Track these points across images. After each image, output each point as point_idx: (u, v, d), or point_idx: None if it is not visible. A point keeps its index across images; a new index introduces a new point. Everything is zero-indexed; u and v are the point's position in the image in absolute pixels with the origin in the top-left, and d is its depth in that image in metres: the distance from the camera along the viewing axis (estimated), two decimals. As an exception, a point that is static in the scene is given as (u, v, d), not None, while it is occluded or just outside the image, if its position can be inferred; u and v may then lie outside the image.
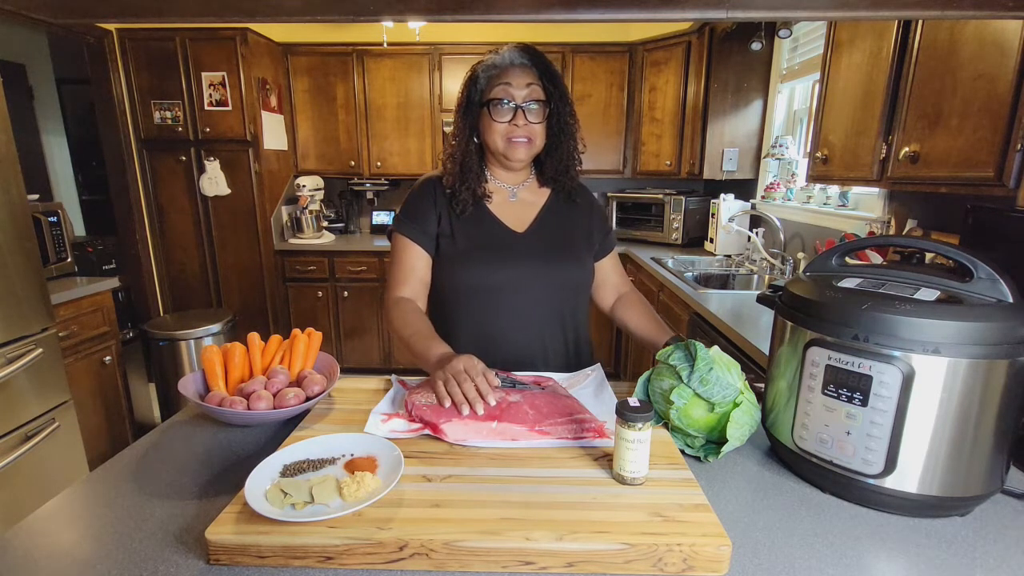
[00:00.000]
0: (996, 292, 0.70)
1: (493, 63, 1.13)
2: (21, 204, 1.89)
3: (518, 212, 1.20)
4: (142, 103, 3.28)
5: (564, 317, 1.19)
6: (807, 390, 0.76)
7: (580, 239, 1.22)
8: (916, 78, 1.41)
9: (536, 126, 1.12)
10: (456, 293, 1.16)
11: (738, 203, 3.08)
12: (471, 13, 0.66)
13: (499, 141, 1.11)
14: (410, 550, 0.60)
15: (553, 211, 1.22)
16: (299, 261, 3.60)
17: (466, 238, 1.15)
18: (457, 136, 1.15)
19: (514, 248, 1.16)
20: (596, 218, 1.27)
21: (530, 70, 1.12)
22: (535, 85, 1.11)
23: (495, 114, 1.10)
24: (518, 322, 1.15)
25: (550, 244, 1.17)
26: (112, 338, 2.48)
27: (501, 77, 1.10)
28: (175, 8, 0.66)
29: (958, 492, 0.70)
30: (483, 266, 1.14)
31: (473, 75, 1.14)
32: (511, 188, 1.21)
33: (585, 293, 1.25)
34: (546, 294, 1.16)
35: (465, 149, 1.15)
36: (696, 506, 0.67)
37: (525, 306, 1.15)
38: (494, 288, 1.14)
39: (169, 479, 0.78)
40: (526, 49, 1.13)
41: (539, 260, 1.15)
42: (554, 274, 1.16)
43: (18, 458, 1.85)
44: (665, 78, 3.40)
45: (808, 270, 0.86)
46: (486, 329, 1.15)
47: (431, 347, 1.01)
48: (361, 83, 3.63)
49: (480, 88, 1.13)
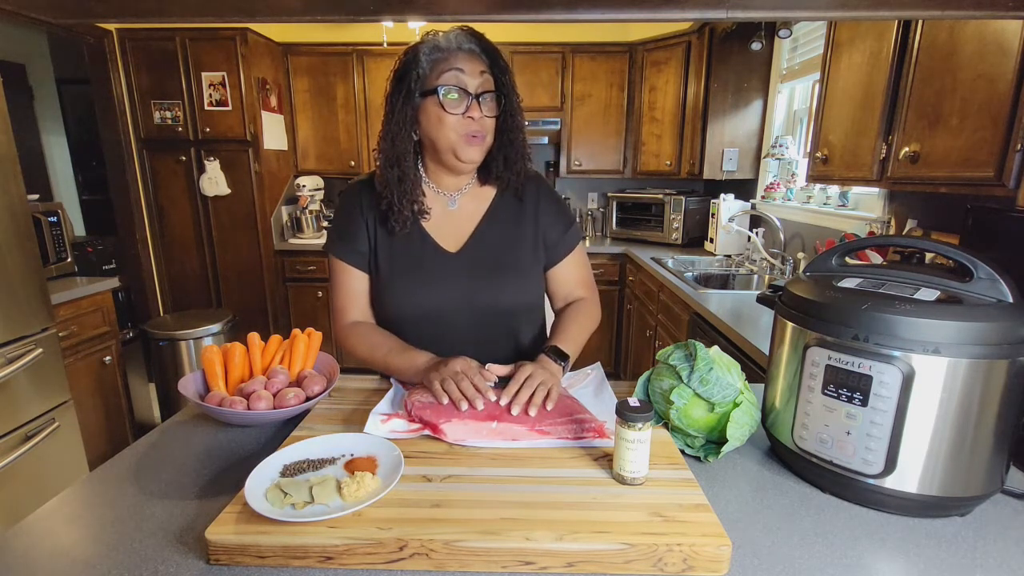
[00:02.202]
0: (996, 292, 0.70)
1: (437, 45, 0.96)
2: (21, 204, 1.89)
3: (455, 226, 1.06)
4: (142, 103, 3.28)
5: (507, 342, 1.09)
6: (807, 390, 0.76)
7: (526, 250, 1.08)
8: (916, 78, 1.41)
9: (489, 122, 0.98)
10: (391, 322, 1.07)
11: (738, 203, 3.08)
12: (471, 13, 0.66)
13: (451, 136, 0.96)
14: (410, 550, 0.60)
15: (495, 220, 1.08)
16: (299, 261, 3.60)
17: (390, 262, 1.04)
18: (392, 134, 0.98)
19: (444, 271, 1.04)
20: (547, 215, 1.11)
21: (479, 57, 0.97)
22: (488, 74, 0.97)
23: (447, 104, 0.94)
24: (461, 347, 1.00)
25: (485, 264, 1.05)
26: (112, 338, 2.48)
27: (449, 62, 0.95)
28: (175, 8, 0.66)
29: (958, 492, 0.70)
30: (408, 293, 1.03)
31: (411, 58, 0.97)
32: (451, 195, 1.07)
33: (532, 313, 1.13)
34: (483, 321, 1.05)
35: (403, 150, 0.99)
36: (696, 506, 0.67)
37: (460, 331, 1.05)
38: (423, 317, 1.04)
39: (169, 479, 0.78)
40: (474, 34, 0.98)
41: (472, 283, 1.04)
42: (488, 298, 1.04)
43: (18, 458, 1.85)
44: (665, 78, 3.40)
45: (808, 270, 0.86)
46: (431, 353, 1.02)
47: (414, 357, 0.97)
48: (361, 83, 3.63)
49: (421, 73, 0.96)
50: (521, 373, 0.90)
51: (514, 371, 0.93)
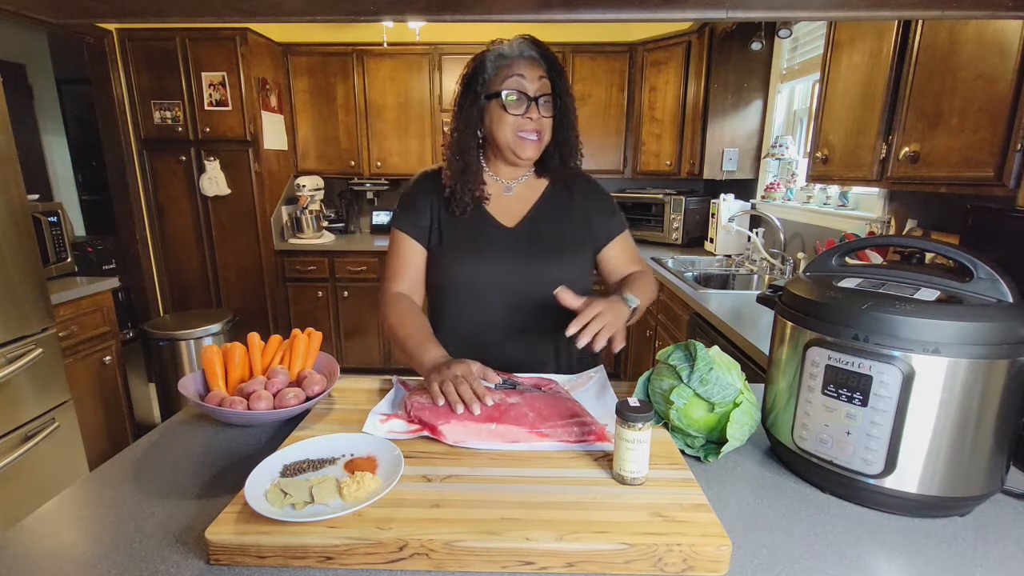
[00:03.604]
0: (996, 292, 0.70)
1: (502, 53, 1.08)
2: (21, 204, 1.89)
3: (511, 206, 1.17)
4: (142, 103, 3.28)
5: (555, 318, 1.12)
6: (807, 390, 0.76)
7: (574, 233, 1.18)
8: (916, 78, 1.41)
9: (547, 120, 1.09)
10: (443, 288, 1.15)
11: (738, 203, 3.08)
12: (471, 13, 0.66)
13: (509, 135, 1.08)
14: (410, 550, 0.60)
15: (548, 204, 1.19)
16: (299, 261, 3.60)
17: (454, 233, 1.14)
18: (459, 131, 1.11)
19: (501, 243, 1.13)
20: (593, 204, 1.21)
21: (539, 63, 1.08)
22: (545, 79, 1.08)
23: (508, 106, 1.06)
24: (503, 320, 1.12)
25: (539, 239, 1.15)
26: (112, 338, 2.48)
27: (512, 68, 1.06)
28: (175, 8, 0.66)
29: (958, 492, 0.70)
30: (467, 262, 1.12)
31: (478, 65, 1.09)
32: (508, 183, 1.18)
33: (580, 294, 1.19)
34: (533, 292, 1.12)
35: (468, 145, 1.11)
36: (696, 506, 0.67)
37: (510, 304, 1.12)
38: (478, 284, 1.12)
39: (169, 479, 0.78)
40: (534, 42, 1.09)
41: (525, 256, 1.12)
42: (540, 271, 1.12)
43: (18, 458, 1.85)
44: (665, 78, 3.40)
45: (808, 270, 0.86)
46: (471, 326, 1.14)
47: (427, 351, 1.00)
48: (361, 83, 3.63)
49: (487, 78, 1.08)
50: (592, 308, 0.95)
51: (585, 305, 0.96)
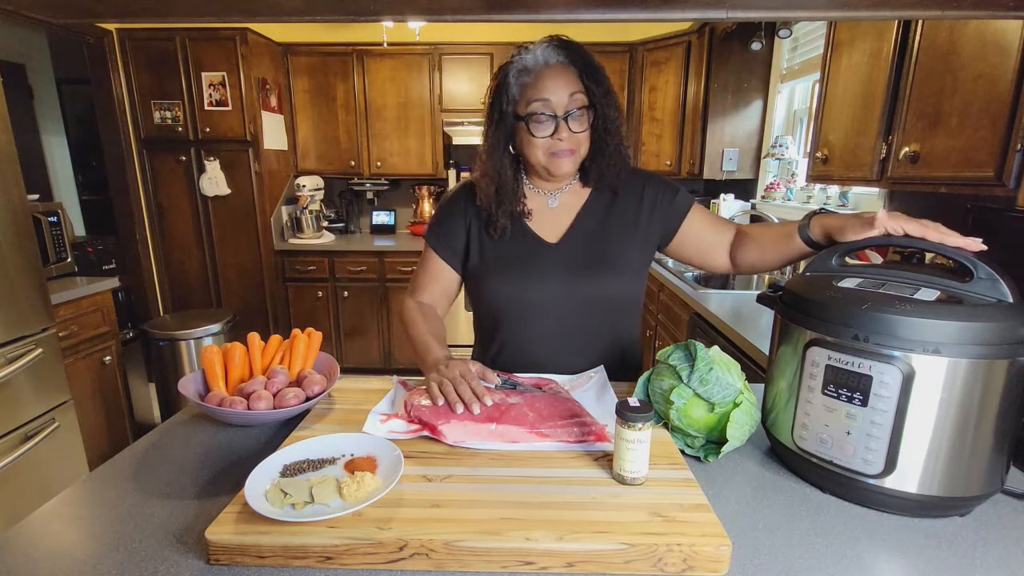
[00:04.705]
0: (996, 292, 0.70)
1: (524, 66, 0.99)
2: (21, 204, 1.89)
3: (554, 219, 1.10)
4: (142, 103, 3.28)
5: (603, 332, 1.10)
6: (807, 390, 0.76)
7: (624, 238, 1.09)
8: (916, 78, 1.41)
9: (581, 135, 1.00)
10: (489, 309, 1.11)
11: (738, 203, 3.08)
12: (471, 13, 0.66)
13: (540, 156, 1.01)
14: (410, 550, 0.60)
15: (592, 212, 1.10)
16: (299, 261, 3.60)
17: (494, 252, 1.09)
18: (489, 152, 1.04)
19: (544, 261, 1.07)
20: (648, 197, 1.11)
21: (568, 69, 0.98)
22: (577, 93, 0.98)
23: (535, 130, 0.99)
24: (553, 338, 1.08)
25: (584, 254, 1.07)
26: (112, 338, 2.48)
27: (537, 86, 0.97)
28: (175, 8, 0.66)
29: (958, 492, 0.70)
30: (510, 282, 1.07)
31: (502, 82, 1.01)
32: (551, 194, 1.11)
33: (629, 306, 1.13)
34: (580, 311, 1.07)
35: (500, 165, 1.04)
36: (696, 506, 0.67)
37: (558, 322, 1.07)
38: (523, 304, 1.07)
39: (169, 479, 0.78)
40: (562, 45, 0.99)
41: (570, 273, 1.06)
42: (586, 288, 1.06)
43: (18, 458, 1.85)
44: (665, 78, 3.40)
45: (808, 270, 0.86)
46: (522, 345, 1.09)
47: (432, 350, 1.00)
48: (361, 83, 3.63)
49: (512, 97, 1.00)
50: (923, 224, 0.81)
51: (920, 227, 0.81)
